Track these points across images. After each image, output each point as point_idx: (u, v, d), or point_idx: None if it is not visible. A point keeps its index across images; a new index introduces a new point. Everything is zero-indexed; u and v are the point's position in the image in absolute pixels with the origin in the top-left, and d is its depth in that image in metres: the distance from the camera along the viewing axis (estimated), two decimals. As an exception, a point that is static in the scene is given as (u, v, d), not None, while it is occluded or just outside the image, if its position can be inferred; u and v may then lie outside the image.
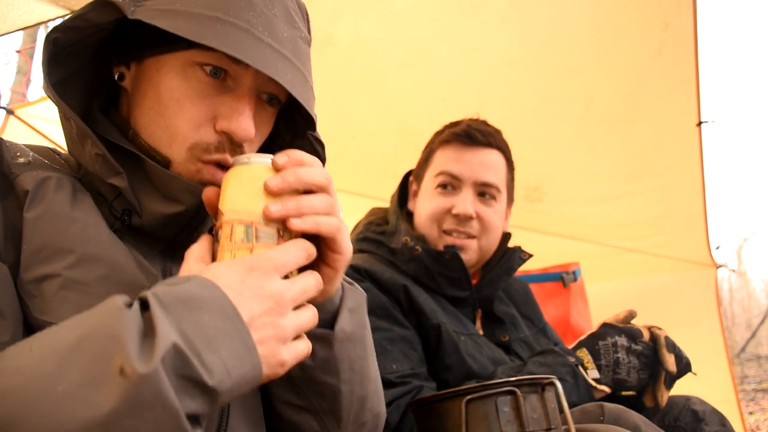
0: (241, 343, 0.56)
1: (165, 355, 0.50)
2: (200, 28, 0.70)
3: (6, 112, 2.73)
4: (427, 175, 1.54)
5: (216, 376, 0.53)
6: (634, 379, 1.21)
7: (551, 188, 2.76)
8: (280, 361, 0.60)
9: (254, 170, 0.66)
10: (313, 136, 0.91)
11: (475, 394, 0.58)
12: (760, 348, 10.49)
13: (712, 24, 4.34)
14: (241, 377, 0.56)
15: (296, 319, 0.62)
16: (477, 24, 2.31)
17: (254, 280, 0.60)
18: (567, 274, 2.27)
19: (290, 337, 0.61)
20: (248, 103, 0.77)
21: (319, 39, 2.46)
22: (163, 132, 0.77)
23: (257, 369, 0.57)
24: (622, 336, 1.23)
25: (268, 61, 0.72)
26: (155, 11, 0.72)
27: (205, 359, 0.53)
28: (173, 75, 0.76)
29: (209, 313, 0.55)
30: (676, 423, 1.25)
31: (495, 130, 1.54)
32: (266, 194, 0.64)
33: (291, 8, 0.80)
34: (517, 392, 0.58)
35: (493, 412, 0.57)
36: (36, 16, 1.72)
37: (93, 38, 0.78)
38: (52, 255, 0.70)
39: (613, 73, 2.41)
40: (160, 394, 0.50)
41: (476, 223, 1.46)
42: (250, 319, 0.58)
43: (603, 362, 1.21)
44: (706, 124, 2.45)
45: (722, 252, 11.58)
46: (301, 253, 0.65)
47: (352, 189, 2.84)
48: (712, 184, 2.71)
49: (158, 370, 0.50)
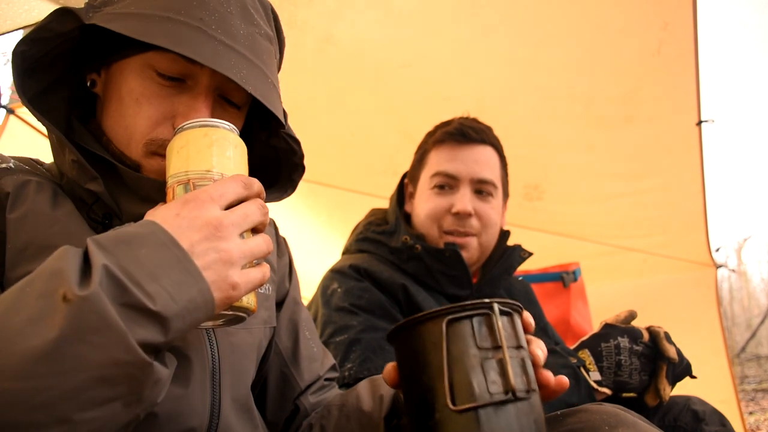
0: (183, 269, 0.57)
1: (102, 279, 0.52)
2: (151, 29, 0.71)
3: (6, 111, 2.73)
4: (422, 176, 1.54)
5: (159, 301, 0.54)
6: (636, 380, 1.20)
7: (551, 187, 2.76)
8: (230, 284, 0.59)
9: (183, 138, 0.69)
10: (287, 134, 0.90)
11: (456, 315, 0.61)
12: (760, 348, 10.49)
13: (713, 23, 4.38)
14: (189, 302, 0.56)
15: (244, 244, 0.62)
16: (477, 23, 2.31)
17: (190, 211, 0.61)
18: (567, 274, 2.26)
19: (238, 260, 0.61)
20: (204, 101, 0.78)
21: (319, 38, 2.47)
22: (124, 132, 0.79)
23: (206, 293, 0.58)
24: (625, 337, 1.22)
25: (220, 58, 0.71)
26: (110, 15, 0.74)
27: (146, 287, 0.54)
28: (133, 77, 0.78)
29: (146, 246, 0.56)
30: (676, 423, 1.24)
31: (486, 127, 1.54)
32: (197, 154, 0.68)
33: (249, 5, 0.79)
34: (492, 313, 0.62)
35: (469, 331, 0.61)
36: (36, 15, 1.72)
37: (62, 48, 0.79)
38: (38, 252, 0.71)
39: (613, 72, 2.41)
40: (104, 316, 0.51)
41: (475, 221, 1.46)
42: (190, 247, 0.58)
43: (605, 364, 1.20)
44: (706, 124, 2.45)
45: (722, 252, 11.58)
46: (238, 183, 0.65)
47: (352, 187, 2.85)
48: (712, 183, 2.70)
49: (98, 292, 0.51)
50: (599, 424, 0.70)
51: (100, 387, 0.52)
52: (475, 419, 0.59)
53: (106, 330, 0.51)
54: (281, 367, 0.98)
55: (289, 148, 0.91)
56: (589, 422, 0.71)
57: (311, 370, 1.01)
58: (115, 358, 0.52)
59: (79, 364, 0.50)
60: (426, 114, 1.63)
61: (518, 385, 0.61)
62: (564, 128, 2.58)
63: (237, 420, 0.82)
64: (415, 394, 0.63)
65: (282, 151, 0.92)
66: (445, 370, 0.59)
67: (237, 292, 0.60)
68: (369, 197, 2.70)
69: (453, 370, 0.59)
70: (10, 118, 2.73)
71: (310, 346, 1.03)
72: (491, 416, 0.59)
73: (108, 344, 0.51)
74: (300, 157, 0.91)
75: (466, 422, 0.59)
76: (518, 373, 0.62)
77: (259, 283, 0.64)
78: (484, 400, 0.59)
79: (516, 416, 0.60)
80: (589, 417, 0.72)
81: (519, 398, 0.61)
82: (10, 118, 2.73)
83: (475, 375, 0.60)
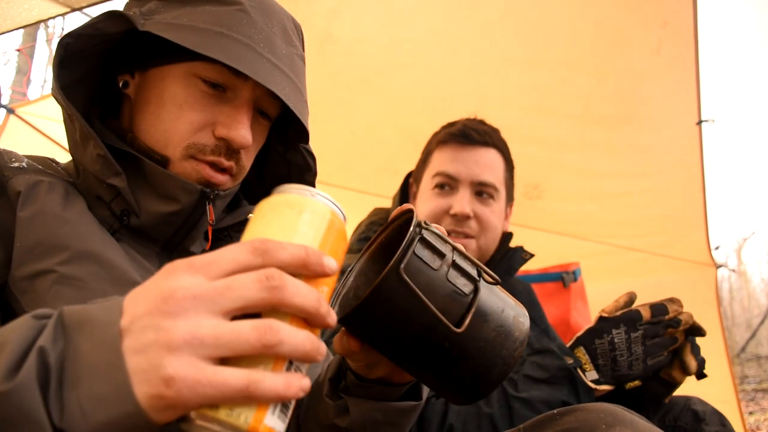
0: (109, 378, 0.43)
1: (34, 364, 0.43)
2: (207, 42, 0.75)
3: (7, 111, 2.73)
4: (425, 176, 1.54)
5: (65, 416, 0.43)
6: (639, 369, 1.16)
7: (550, 186, 2.76)
8: (162, 377, 0.41)
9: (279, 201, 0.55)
10: (305, 149, 0.95)
11: (402, 258, 0.60)
12: (760, 348, 10.49)
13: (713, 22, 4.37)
14: (104, 422, 0.42)
15: (210, 326, 0.43)
16: (476, 23, 2.31)
17: (157, 279, 0.46)
18: (567, 274, 2.26)
19: (181, 346, 0.42)
20: (246, 113, 0.82)
21: (318, 37, 2.47)
22: (161, 135, 0.81)
23: (124, 387, 0.42)
24: (621, 327, 1.17)
25: (268, 74, 0.77)
26: (163, 24, 0.77)
27: (64, 392, 0.43)
28: (177, 83, 0.81)
29: (92, 340, 0.44)
30: (677, 423, 1.24)
31: (492, 129, 1.53)
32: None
33: (288, 27, 0.86)
34: (420, 232, 0.63)
35: (419, 261, 0.61)
36: (36, 14, 1.72)
37: (100, 47, 0.82)
38: (46, 252, 0.71)
39: (613, 71, 2.41)
40: (25, 411, 0.42)
41: (474, 223, 1.46)
42: (130, 323, 0.44)
43: (600, 362, 1.18)
44: (706, 123, 2.45)
45: (722, 252, 11.57)
46: (244, 248, 0.47)
47: (352, 186, 2.85)
48: (712, 183, 2.71)
49: (24, 383, 0.42)
50: (596, 423, 0.69)
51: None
52: (476, 321, 0.62)
53: (26, 425, 0.42)
54: None
55: (304, 164, 0.96)
56: (586, 421, 0.71)
57: (311, 374, 1.01)
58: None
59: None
60: (426, 113, 1.64)
61: (474, 272, 0.64)
62: (564, 127, 2.58)
63: None
64: (410, 347, 0.63)
65: (296, 166, 0.96)
66: (431, 307, 0.60)
67: (171, 392, 0.41)
68: (369, 196, 2.71)
69: (433, 301, 0.60)
70: (10, 118, 2.74)
71: None
72: (483, 311, 0.62)
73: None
74: (313, 175, 0.96)
75: (471, 331, 0.61)
76: (466, 263, 0.65)
77: (237, 392, 0.42)
78: (468, 303, 0.62)
79: (490, 292, 0.64)
80: (586, 416, 0.71)
81: (480, 279, 0.64)
82: (10, 117, 2.74)
83: (449, 291, 0.62)
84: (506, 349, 0.63)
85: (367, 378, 0.72)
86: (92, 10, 1.93)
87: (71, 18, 10.04)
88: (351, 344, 0.65)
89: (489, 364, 0.63)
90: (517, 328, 0.64)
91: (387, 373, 0.71)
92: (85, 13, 2.23)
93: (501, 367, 0.63)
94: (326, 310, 0.48)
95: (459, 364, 0.63)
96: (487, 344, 0.62)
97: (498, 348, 0.63)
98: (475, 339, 0.62)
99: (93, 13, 2.71)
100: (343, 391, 0.76)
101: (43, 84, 9.82)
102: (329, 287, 0.53)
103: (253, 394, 0.43)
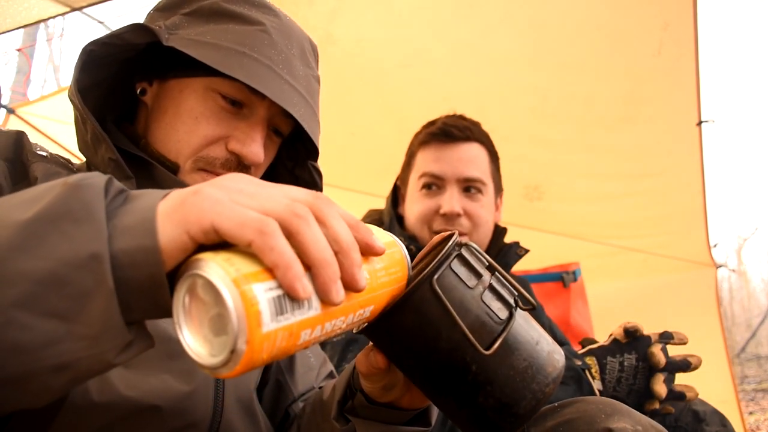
0: (137, 215, 0.44)
1: (108, 182, 0.45)
2: (229, 61, 0.77)
3: (7, 111, 2.73)
4: (411, 178, 1.53)
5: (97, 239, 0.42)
6: (632, 401, 1.15)
7: (551, 187, 2.76)
8: (191, 190, 0.44)
9: None
10: (312, 166, 1.00)
11: (437, 271, 0.59)
12: (760, 348, 10.49)
13: (713, 23, 4.31)
14: (121, 250, 0.42)
15: (249, 183, 0.46)
16: (477, 23, 2.31)
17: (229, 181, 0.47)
18: (567, 274, 2.26)
19: (217, 184, 0.44)
20: (260, 131, 0.85)
21: (318, 37, 2.47)
22: (174, 145, 0.83)
23: (148, 238, 0.42)
24: (632, 354, 1.16)
25: (285, 95, 0.80)
26: (187, 41, 0.80)
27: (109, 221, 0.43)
28: (195, 96, 0.83)
29: (141, 199, 0.46)
30: (677, 423, 1.24)
31: (472, 123, 1.52)
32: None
33: (306, 49, 0.89)
34: (462, 250, 0.62)
35: (454, 277, 0.60)
36: (36, 14, 1.72)
37: (121, 55, 0.84)
38: None
39: (613, 73, 2.41)
40: (89, 208, 0.43)
41: (465, 220, 1.45)
42: (195, 190, 0.44)
43: (607, 377, 1.18)
44: (706, 124, 2.45)
45: (722, 252, 11.57)
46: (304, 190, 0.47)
47: (351, 186, 2.85)
48: (712, 183, 2.71)
49: (95, 183, 0.44)
50: (595, 413, 0.70)
51: (47, 286, 0.41)
52: (507, 348, 0.60)
53: (84, 221, 0.42)
54: (277, 375, 0.99)
55: (311, 180, 0.99)
56: (585, 412, 0.71)
57: (306, 380, 1.01)
58: (81, 254, 0.41)
59: (42, 251, 0.41)
60: (426, 114, 1.63)
61: (511, 300, 0.63)
62: (564, 128, 2.58)
63: (240, 421, 0.83)
64: (436, 365, 0.61)
65: (302, 182, 1.00)
66: (461, 324, 0.58)
67: (192, 201, 0.43)
68: (368, 197, 2.71)
69: (464, 319, 0.59)
70: (10, 118, 2.74)
71: (307, 355, 1.04)
72: (515, 338, 0.61)
73: (79, 238, 0.42)
74: (320, 189, 0.99)
75: (502, 357, 0.60)
76: (505, 290, 0.64)
77: (250, 224, 0.42)
78: (501, 328, 0.60)
79: (525, 323, 0.63)
80: (586, 407, 0.72)
81: (516, 307, 0.63)
82: (10, 117, 2.74)
83: (482, 312, 0.60)
84: (537, 383, 0.60)
85: (377, 401, 0.72)
86: (92, 10, 1.93)
87: (71, 17, 10.02)
88: (378, 360, 0.64)
89: (517, 396, 0.60)
90: (551, 364, 0.62)
91: (398, 397, 0.71)
92: (85, 12, 2.23)
93: (530, 401, 0.60)
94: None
95: (486, 392, 0.60)
96: (517, 374, 0.60)
97: (528, 380, 0.60)
98: (504, 366, 0.60)
99: (93, 13, 2.71)
100: (349, 412, 0.76)
101: (43, 84, 9.82)
102: (371, 273, 0.51)
103: (261, 240, 0.41)
